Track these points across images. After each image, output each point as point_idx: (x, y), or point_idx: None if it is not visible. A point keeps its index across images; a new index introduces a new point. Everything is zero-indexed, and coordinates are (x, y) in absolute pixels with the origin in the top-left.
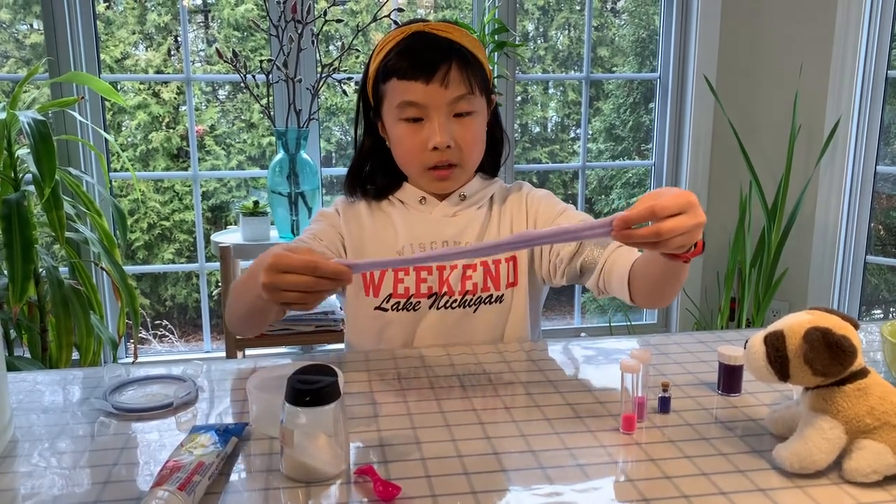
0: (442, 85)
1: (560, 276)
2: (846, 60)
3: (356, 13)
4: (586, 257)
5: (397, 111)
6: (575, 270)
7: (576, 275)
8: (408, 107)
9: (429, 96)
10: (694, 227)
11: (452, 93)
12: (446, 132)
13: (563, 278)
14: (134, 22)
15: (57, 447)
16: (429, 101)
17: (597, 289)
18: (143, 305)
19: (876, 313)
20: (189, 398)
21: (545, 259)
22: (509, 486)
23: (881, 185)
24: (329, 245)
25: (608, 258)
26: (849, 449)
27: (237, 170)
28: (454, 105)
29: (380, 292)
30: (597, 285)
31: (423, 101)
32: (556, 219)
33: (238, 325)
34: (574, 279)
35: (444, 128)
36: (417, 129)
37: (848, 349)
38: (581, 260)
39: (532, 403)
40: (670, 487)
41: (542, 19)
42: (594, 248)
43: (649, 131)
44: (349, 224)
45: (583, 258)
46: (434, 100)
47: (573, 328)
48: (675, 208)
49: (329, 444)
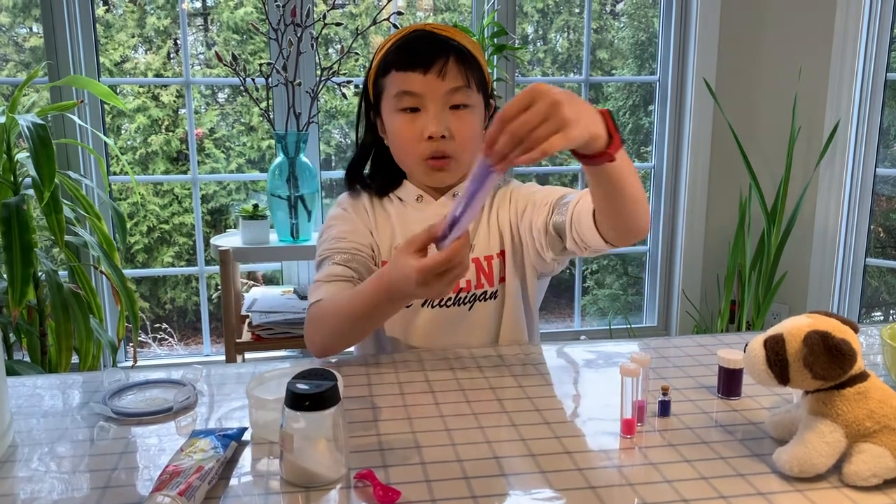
0: (439, 76)
1: (546, 249)
2: (845, 63)
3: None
4: (555, 218)
5: (395, 101)
6: (553, 237)
7: (556, 241)
8: (405, 96)
9: (426, 86)
10: (548, 110)
11: (449, 84)
12: (442, 122)
13: (549, 251)
14: (133, 25)
15: (57, 452)
16: (426, 91)
17: (576, 245)
18: (142, 309)
19: (876, 315)
20: (189, 402)
21: (527, 241)
22: (509, 490)
23: (881, 187)
24: (355, 240)
25: (573, 211)
26: (849, 452)
27: (237, 173)
28: (450, 96)
29: None
30: (574, 241)
31: (420, 90)
32: (532, 197)
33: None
34: (557, 248)
35: (440, 118)
36: (414, 119)
37: (847, 353)
38: (553, 222)
39: (532, 407)
40: (670, 491)
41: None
42: (560, 206)
43: (649, 134)
44: (361, 216)
45: (553, 219)
46: (431, 90)
47: (573, 331)
48: (521, 105)
49: (329, 448)
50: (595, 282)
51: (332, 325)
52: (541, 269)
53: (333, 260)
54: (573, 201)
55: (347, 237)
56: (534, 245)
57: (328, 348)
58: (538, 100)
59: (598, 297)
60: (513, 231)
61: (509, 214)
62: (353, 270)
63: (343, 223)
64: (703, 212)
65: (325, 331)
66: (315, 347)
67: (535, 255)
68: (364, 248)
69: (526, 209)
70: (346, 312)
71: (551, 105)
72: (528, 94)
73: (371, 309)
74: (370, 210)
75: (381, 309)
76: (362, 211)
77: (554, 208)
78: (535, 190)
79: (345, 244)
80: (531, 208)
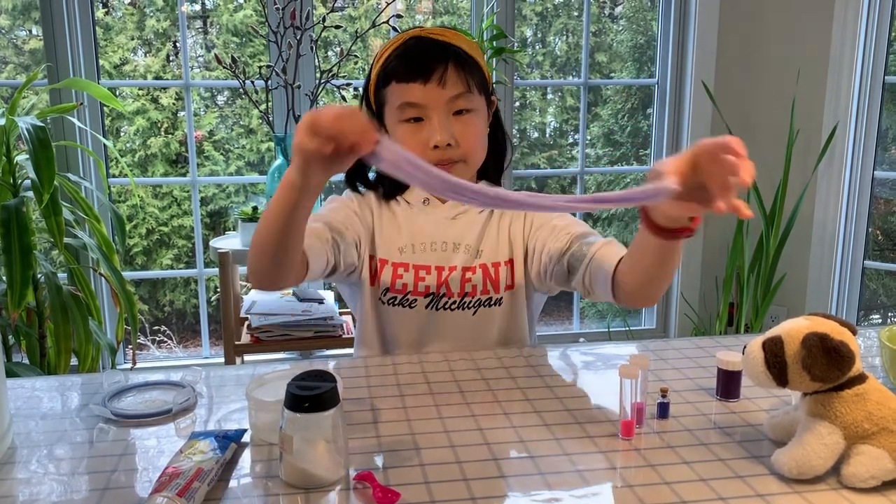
0: (439, 84)
1: (549, 277)
2: (843, 66)
3: (355, 19)
4: (574, 252)
5: (398, 113)
6: (563, 269)
7: (563, 274)
8: (407, 108)
9: (427, 96)
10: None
11: (450, 91)
12: (446, 130)
13: (551, 279)
14: (133, 28)
15: (56, 454)
16: (427, 101)
17: (582, 287)
18: (141, 311)
19: (874, 318)
20: (188, 404)
21: (536, 260)
22: (508, 492)
23: (879, 189)
24: (344, 220)
25: (595, 253)
26: (847, 454)
27: (236, 175)
28: (453, 103)
29: (379, 283)
30: (582, 282)
31: (422, 101)
32: (552, 220)
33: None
34: (561, 280)
35: (444, 126)
36: (418, 130)
37: (846, 355)
38: (569, 256)
39: (531, 409)
40: (669, 493)
41: (540, 25)
42: (582, 244)
43: (647, 137)
44: (364, 212)
45: (570, 253)
46: (432, 99)
47: (572, 333)
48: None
49: (328, 450)
50: None
51: (254, 241)
52: (536, 287)
53: (315, 219)
54: (596, 246)
55: (339, 217)
56: (538, 267)
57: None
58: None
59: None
60: (525, 243)
61: (523, 227)
62: (333, 231)
63: (342, 207)
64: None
65: (251, 253)
66: (251, 275)
67: (536, 275)
68: (350, 234)
69: (542, 228)
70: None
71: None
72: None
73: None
74: (376, 211)
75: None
76: (367, 210)
77: (573, 242)
78: (553, 214)
79: (335, 216)
80: (548, 231)
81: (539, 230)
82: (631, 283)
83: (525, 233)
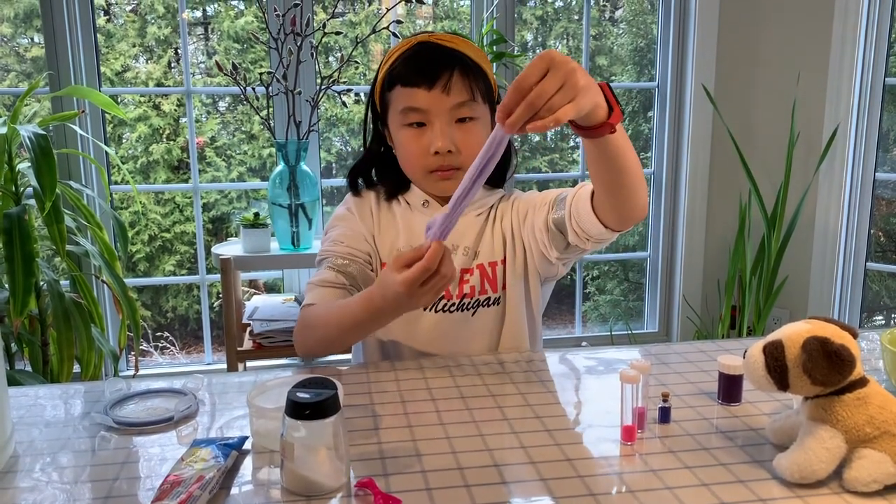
0: (444, 91)
1: (550, 247)
2: (844, 68)
3: (355, 25)
4: (554, 214)
5: (401, 117)
6: (555, 233)
7: (559, 238)
8: (411, 112)
9: (431, 102)
10: (564, 78)
11: (454, 99)
12: (447, 137)
13: (553, 249)
14: (134, 35)
15: (58, 462)
16: (431, 107)
17: (578, 238)
18: (143, 318)
19: (877, 320)
20: (190, 412)
21: (531, 244)
22: (510, 498)
23: (880, 191)
24: (353, 245)
25: (572, 200)
26: (849, 458)
27: (237, 181)
28: (456, 111)
29: None
30: (576, 234)
31: (426, 106)
32: (533, 200)
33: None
34: (561, 245)
35: (446, 133)
36: (420, 134)
37: (846, 358)
38: (552, 219)
39: (532, 414)
40: (671, 498)
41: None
42: (559, 203)
43: (648, 140)
44: (364, 219)
45: (552, 217)
46: (436, 105)
47: (574, 337)
48: (538, 73)
49: (329, 457)
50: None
51: (320, 334)
52: (546, 273)
53: (328, 263)
54: (570, 194)
55: (345, 241)
56: (537, 246)
57: (312, 352)
58: (554, 68)
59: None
60: (514, 237)
61: (512, 220)
62: (347, 276)
63: (344, 226)
64: (703, 217)
65: (312, 338)
66: (301, 350)
67: (540, 256)
68: (360, 255)
69: (528, 213)
70: (335, 324)
71: (567, 73)
72: (543, 61)
73: (356, 326)
74: (375, 211)
75: (366, 326)
76: (367, 212)
77: (553, 205)
78: (535, 195)
79: (342, 248)
80: (532, 211)
81: (526, 215)
82: (604, 201)
83: (514, 224)
